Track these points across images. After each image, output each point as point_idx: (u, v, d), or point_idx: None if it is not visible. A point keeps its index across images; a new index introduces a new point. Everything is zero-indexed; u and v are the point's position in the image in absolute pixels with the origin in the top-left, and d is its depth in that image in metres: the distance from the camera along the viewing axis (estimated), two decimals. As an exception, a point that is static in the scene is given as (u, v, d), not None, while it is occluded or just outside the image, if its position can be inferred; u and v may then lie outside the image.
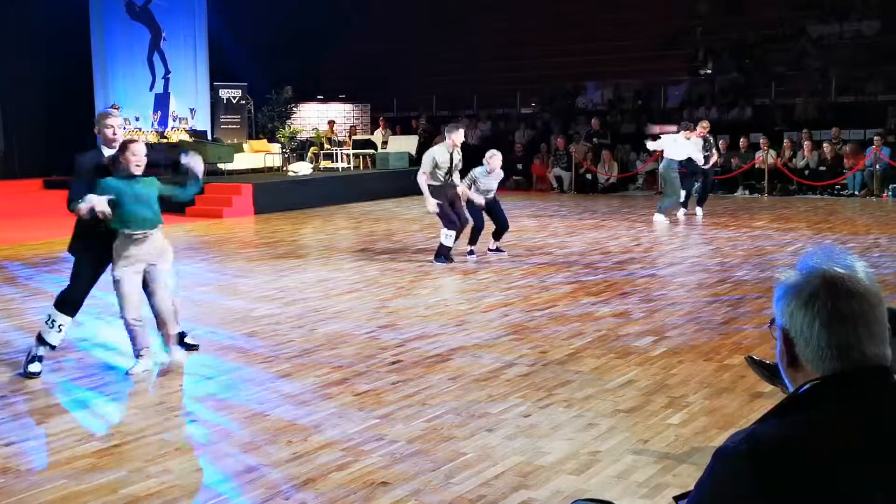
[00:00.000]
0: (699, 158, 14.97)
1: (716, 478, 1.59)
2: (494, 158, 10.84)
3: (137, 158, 5.99)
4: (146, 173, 6.11)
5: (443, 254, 10.60)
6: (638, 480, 4.21)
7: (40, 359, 6.15)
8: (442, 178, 10.50)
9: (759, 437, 1.56)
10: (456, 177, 10.67)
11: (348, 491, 4.14)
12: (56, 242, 12.92)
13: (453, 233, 10.49)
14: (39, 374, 6.10)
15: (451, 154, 10.51)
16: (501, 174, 11.09)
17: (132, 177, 5.98)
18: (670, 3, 24.42)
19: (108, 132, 6.12)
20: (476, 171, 10.89)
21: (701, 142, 15.07)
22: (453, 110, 24.92)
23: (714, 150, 15.59)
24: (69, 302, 6.14)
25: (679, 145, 14.68)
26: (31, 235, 13.53)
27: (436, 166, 10.44)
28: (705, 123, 15.44)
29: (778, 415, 1.61)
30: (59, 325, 6.13)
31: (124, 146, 6.03)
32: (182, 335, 6.55)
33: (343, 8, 26.23)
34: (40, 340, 6.14)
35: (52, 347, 6.19)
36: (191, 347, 6.63)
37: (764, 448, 1.54)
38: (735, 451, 1.56)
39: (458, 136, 10.58)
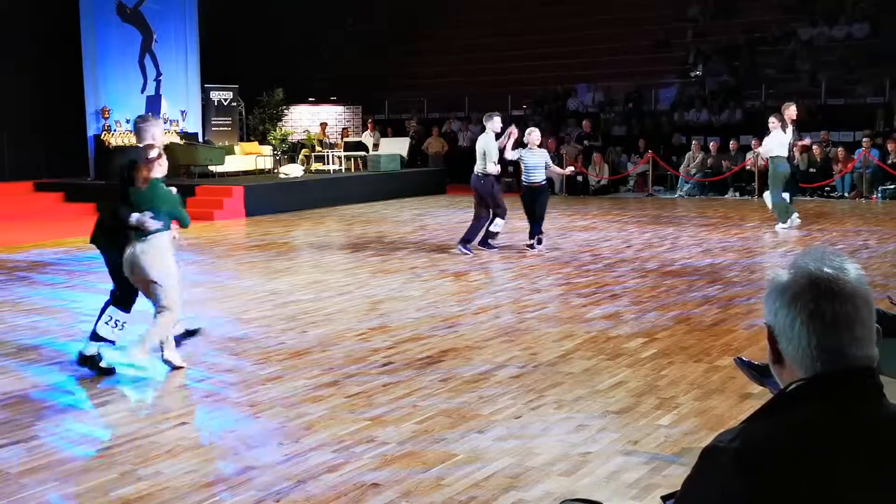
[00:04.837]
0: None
1: (702, 477, 1.60)
2: (532, 134, 11.68)
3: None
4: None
5: (490, 239, 11.52)
6: (628, 481, 4.23)
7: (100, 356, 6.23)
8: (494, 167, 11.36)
9: (745, 437, 1.57)
10: (491, 166, 11.34)
11: (339, 492, 4.15)
12: (48, 245, 12.89)
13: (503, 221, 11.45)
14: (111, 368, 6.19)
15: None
16: (545, 151, 11.98)
17: None
18: (661, 6, 24.50)
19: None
20: (521, 151, 11.69)
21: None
22: (445, 112, 24.95)
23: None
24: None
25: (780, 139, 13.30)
26: (23, 238, 13.49)
27: (485, 154, 11.30)
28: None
29: (765, 414, 1.62)
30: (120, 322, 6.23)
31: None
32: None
33: (335, 10, 26.23)
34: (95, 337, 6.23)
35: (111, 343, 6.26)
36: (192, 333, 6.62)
37: (750, 447, 1.55)
38: (722, 451, 1.57)
39: (495, 124, 11.44)
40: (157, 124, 6.54)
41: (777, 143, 13.30)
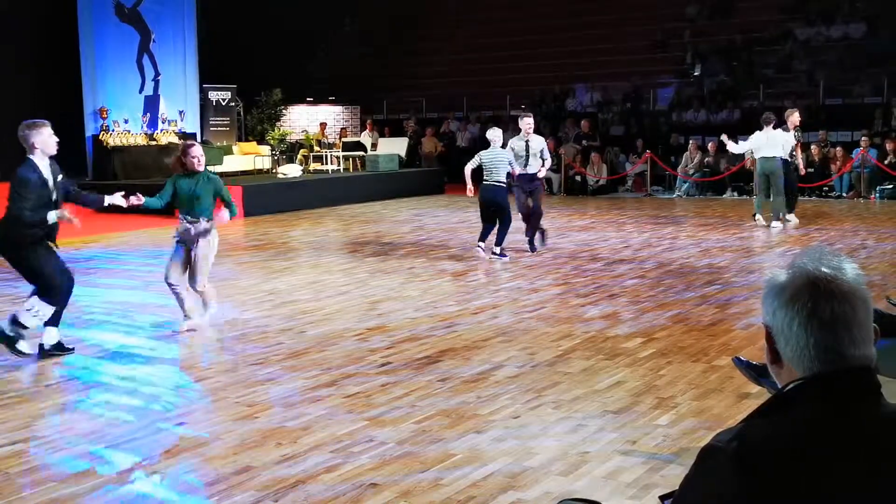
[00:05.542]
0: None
1: (700, 476, 1.61)
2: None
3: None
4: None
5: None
6: (626, 481, 4.23)
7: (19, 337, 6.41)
8: (521, 168, 11.08)
9: (743, 437, 1.57)
10: (532, 166, 11.14)
11: (338, 492, 4.15)
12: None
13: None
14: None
15: (527, 142, 11.19)
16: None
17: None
18: (659, 6, 24.52)
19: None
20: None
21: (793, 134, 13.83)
22: (443, 112, 24.96)
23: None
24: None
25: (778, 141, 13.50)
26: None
27: (515, 155, 11.06)
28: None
29: (763, 414, 1.62)
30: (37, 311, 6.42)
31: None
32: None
33: (332, 10, 26.23)
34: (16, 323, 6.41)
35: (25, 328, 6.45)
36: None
37: (749, 447, 1.55)
38: (720, 450, 1.57)
39: (526, 123, 11.25)
40: (42, 132, 6.30)
41: (765, 141, 13.53)
